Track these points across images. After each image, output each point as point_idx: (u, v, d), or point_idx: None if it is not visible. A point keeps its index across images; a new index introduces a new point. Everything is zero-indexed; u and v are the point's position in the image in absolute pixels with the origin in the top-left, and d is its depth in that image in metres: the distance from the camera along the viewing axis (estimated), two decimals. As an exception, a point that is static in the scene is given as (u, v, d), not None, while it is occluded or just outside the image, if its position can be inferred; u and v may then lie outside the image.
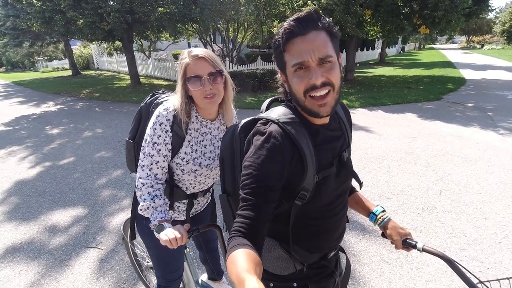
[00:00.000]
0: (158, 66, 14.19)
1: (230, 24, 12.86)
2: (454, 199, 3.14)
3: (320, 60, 0.74)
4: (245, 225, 0.74)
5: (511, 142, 4.77)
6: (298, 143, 0.79)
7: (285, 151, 0.78)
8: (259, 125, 0.84)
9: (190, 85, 1.13)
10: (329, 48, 0.76)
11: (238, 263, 0.62)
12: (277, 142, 0.77)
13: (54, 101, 10.11)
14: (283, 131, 0.79)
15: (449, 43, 60.31)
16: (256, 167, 0.77)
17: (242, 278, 0.56)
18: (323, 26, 0.76)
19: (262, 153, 0.77)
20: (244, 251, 0.66)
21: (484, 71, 14.45)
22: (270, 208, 0.78)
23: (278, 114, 0.84)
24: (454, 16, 8.40)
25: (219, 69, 1.16)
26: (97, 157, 4.72)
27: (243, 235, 0.73)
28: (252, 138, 0.83)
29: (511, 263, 2.23)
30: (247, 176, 0.78)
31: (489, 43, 37.19)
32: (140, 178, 1.17)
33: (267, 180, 0.76)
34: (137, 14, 9.14)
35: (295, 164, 0.80)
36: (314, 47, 0.74)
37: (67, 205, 3.28)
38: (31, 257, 2.48)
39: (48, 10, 9.05)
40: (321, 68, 0.75)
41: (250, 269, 0.59)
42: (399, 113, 6.92)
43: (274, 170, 0.77)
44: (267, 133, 0.79)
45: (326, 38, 0.76)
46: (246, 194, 0.77)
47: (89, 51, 21.82)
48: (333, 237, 0.96)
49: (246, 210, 0.76)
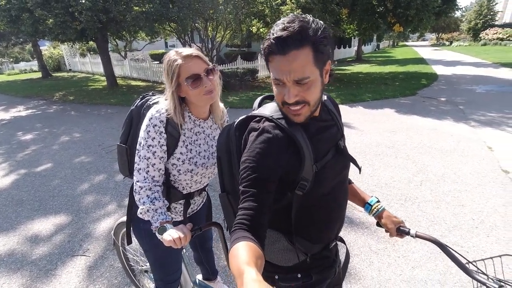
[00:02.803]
0: (135, 67, 13.81)
1: (208, 23, 12.73)
2: (433, 189, 3.31)
3: (295, 81, 0.75)
4: (247, 217, 0.76)
5: (482, 133, 5.09)
6: (292, 135, 0.82)
7: (279, 143, 0.81)
8: (253, 123, 0.87)
9: (189, 85, 1.12)
10: (307, 69, 0.74)
11: (239, 256, 0.63)
12: (270, 135, 0.81)
13: (25, 105, 9.58)
14: (277, 125, 0.83)
15: (420, 40, 62.99)
16: (252, 160, 0.80)
17: (242, 270, 0.57)
18: (307, 43, 0.73)
19: (257, 146, 0.80)
20: (246, 243, 0.67)
21: (454, 66, 15.23)
22: (270, 198, 0.80)
23: (271, 110, 0.87)
24: (425, 15, 8.82)
25: (212, 64, 1.18)
26: (77, 162, 4.54)
27: (246, 227, 0.74)
28: (247, 135, 0.86)
29: (487, 246, 2.39)
30: (244, 170, 0.80)
31: (457, 40, 39.20)
32: (138, 181, 1.16)
33: (263, 170, 0.79)
34: (112, 13, 8.83)
35: (291, 155, 0.82)
36: (291, 69, 0.73)
37: (48, 213, 3.14)
38: (13, 269, 2.35)
39: (15, 9, 8.55)
40: (297, 87, 0.77)
41: (250, 262, 0.60)
42: (378, 109, 7.17)
43: (269, 161, 0.80)
44: (260, 129, 0.83)
45: (308, 57, 0.74)
46: (245, 187, 0.79)
47: (59, 52, 20.80)
48: (334, 226, 0.99)
49: (246, 202, 0.78)
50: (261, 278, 0.54)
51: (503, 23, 35.41)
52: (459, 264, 0.95)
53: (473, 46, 31.46)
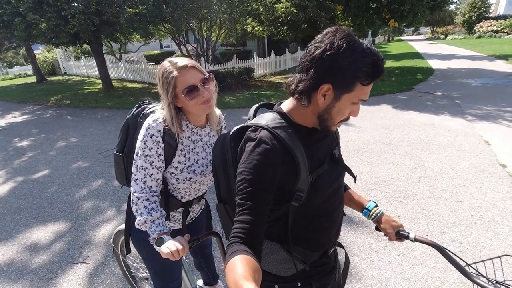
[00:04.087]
0: (131, 69, 13.72)
1: (203, 23, 12.66)
2: (432, 185, 3.32)
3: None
4: (243, 230, 0.75)
5: (478, 127, 5.11)
6: (289, 146, 0.81)
7: (276, 155, 0.80)
8: (250, 132, 0.86)
9: (186, 96, 1.11)
10: None
11: (236, 270, 0.62)
12: (267, 146, 0.80)
13: (20, 110, 9.51)
14: (273, 136, 0.82)
15: (416, 34, 63.00)
16: (249, 172, 0.79)
17: (239, 284, 0.57)
18: None
19: (254, 158, 0.79)
20: (243, 257, 0.67)
21: (449, 60, 15.26)
22: (266, 210, 0.79)
23: (267, 120, 0.86)
24: (420, 9, 8.82)
25: (208, 74, 1.16)
26: (74, 167, 4.52)
27: (242, 240, 0.74)
28: (244, 145, 0.86)
29: (486, 242, 2.41)
30: (241, 182, 0.80)
31: (452, 34, 39.20)
32: (135, 192, 1.15)
33: (260, 183, 0.78)
34: (105, 16, 8.75)
35: (287, 167, 0.82)
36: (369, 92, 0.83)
37: (47, 220, 3.12)
38: (13, 279, 2.34)
39: (7, 14, 8.46)
40: None
41: (247, 276, 0.60)
42: (375, 105, 7.17)
43: (267, 173, 0.79)
44: (257, 139, 0.82)
45: None
46: (241, 199, 0.78)
47: (54, 56, 20.62)
48: (332, 232, 0.99)
49: (243, 214, 0.77)
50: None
51: (497, 15, 35.43)
52: (458, 267, 0.96)
53: (468, 39, 31.50)
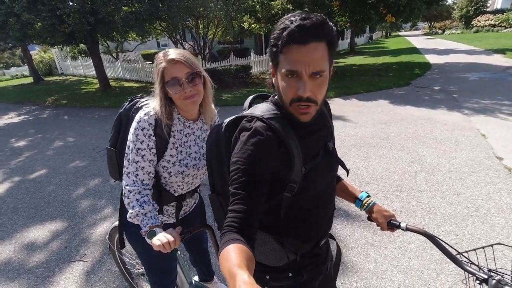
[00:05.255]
0: (128, 68, 13.67)
1: (199, 21, 12.61)
2: (428, 179, 3.32)
3: (312, 73, 0.74)
4: (237, 219, 0.75)
5: (475, 121, 5.11)
6: (283, 137, 0.81)
7: (271, 145, 0.80)
8: (245, 122, 0.85)
9: (169, 88, 1.12)
10: (324, 63, 0.75)
11: (230, 259, 0.62)
12: (262, 136, 0.79)
13: (17, 111, 9.48)
14: (268, 126, 0.81)
15: (413, 29, 62.95)
16: (243, 162, 0.78)
17: (233, 272, 0.57)
18: (324, 36, 0.73)
19: (249, 148, 0.79)
20: (236, 246, 0.66)
21: (447, 55, 15.26)
22: (260, 200, 0.79)
23: (262, 110, 0.86)
24: (417, 4, 8.81)
25: (197, 70, 1.16)
26: (72, 167, 4.51)
27: (236, 229, 0.73)
28: (238, 135, 0.85)
29: (482, 233, 2.42)
30: (235, 171, 0.79)
31: (449, 28, 39.17)
32: (127, 185, 1.15)
33: (254, 173, 0.78)
34: (100, 15, 8.71)
35: (281, 157, 0.82)
36: (311, 60, 0.72)
37: (44, 220, 3.12)
38: (10, 277, 2.34)
39: (1, 14, 8.41)
40: (312, 82, 0.75)
41: (241, 264, 0.60)
42: (373, 101, 7.17)
43: (261, 163, 0.79)
44: (252, 129, 0.81)
45: (325, 51, 0.74)
46: (235, 189, 0.78)
47: (50, 56, 20.53)
48: (324, 225, 0.99)
49: (236, 204, 0.76)
50: (253, 280, 0.54)
51: (494, 9, 35.40)
52: (449, 256, 0.96)
53: (465, 33, 31.49)
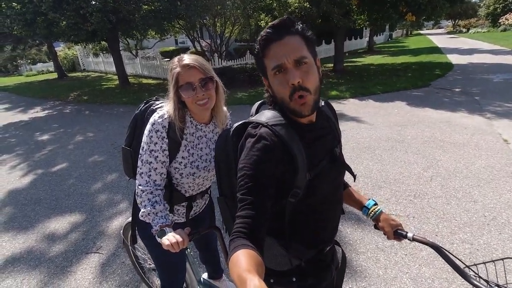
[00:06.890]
0: (146, 65, 13.99)
1: (217, 19, 12.72)
2: (444, 185, 3.24)
3: (295, 62, 0.80)
4: (245, 225, 0.76)
5: (497, 125, 4.91)
6: (288, 143, 0.82)
7: (275, 151, 0.81)
8: (250, 128, 0.88)
9: (182, 92, 1.17)
10: (303, 50, 0.82)
11: (239, 264, 0.63)
12: (267, 142, 0.81)
13: (42, 106, 9.92)
14: (273, 133, 0.83)
15: (436, 28, 60.75)
16: (250, 167, 0.80)
17: (244, 278, 0.57)
18: (296, 31, 0.82)
19: (254, 154, 0.81)
20: (246, 251, 0.67)
21: (470, 55, 14.66)
22: (267, 206, 0.80)
23: (267, 117, 0.88)
24: (439, 2, 8.48)
25: (210, 75, 1.19)
26: (91, 161, 4.69)
27: (244, 235, 0.75)
28: (244, 142, 0.87)
29: (499, 244, 2.34)
30: (242, 177, 0.81)
31: (474, 27, 37.58)
32: (140, 185, 1.20)
33: (261, 178, 0.79)
34: (121, 13, 8.95)
35: (286, 163, 0.83)
36: (289, 50, 0.80)
37: (64, 211, 3.28)
38: (32, 266, 2.48)
39: (29, 12, 8.78)
40: (298, 70, 0.80)
41: (251, 269, 0.61)
42: (389, 102, 7.02)
43: (267, 169, 0.80)
44: (257, 135, 0.83)
45: (301, 42, 0.82)
46: (243, 195, 0.79)
47: (74, 52, 21.28)
48: (329, 232, 1.00)
49: (244, 210, 0.78)
50: (264, 284, 0.55)
51: (525, 7, 33.64)
52: (456, 269, 0.94)
53: (492, 32, 30.11)
